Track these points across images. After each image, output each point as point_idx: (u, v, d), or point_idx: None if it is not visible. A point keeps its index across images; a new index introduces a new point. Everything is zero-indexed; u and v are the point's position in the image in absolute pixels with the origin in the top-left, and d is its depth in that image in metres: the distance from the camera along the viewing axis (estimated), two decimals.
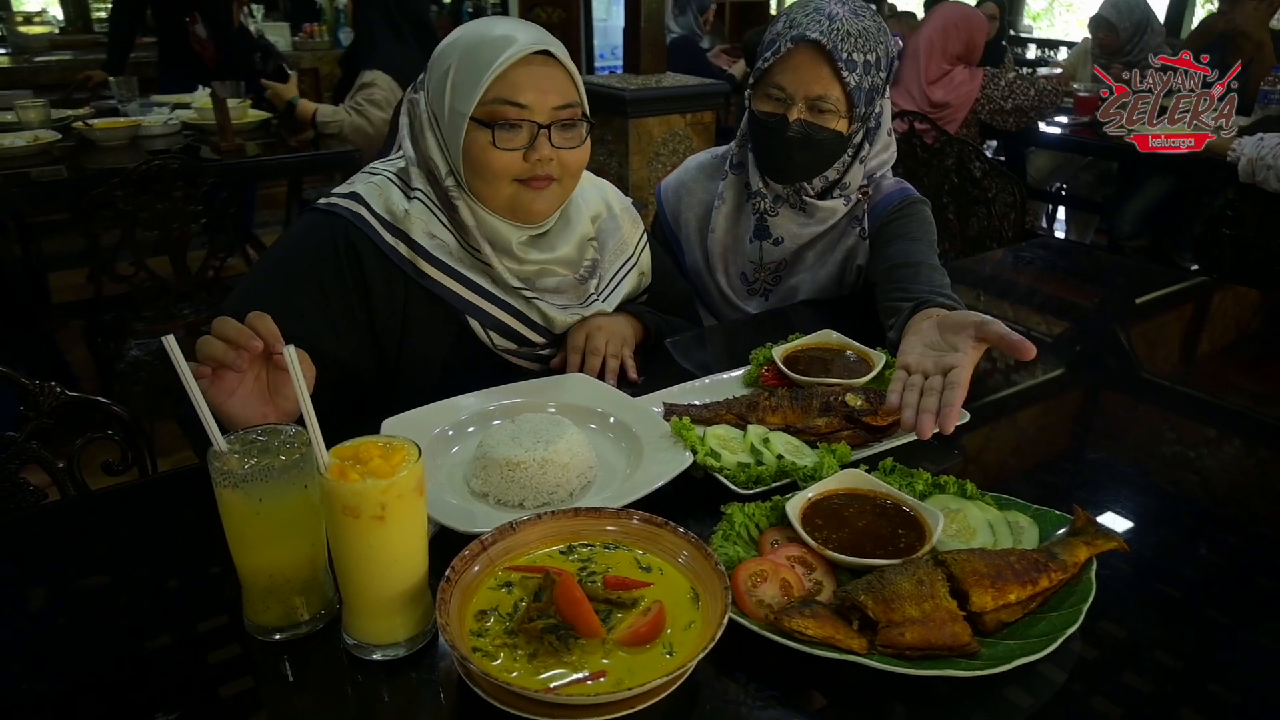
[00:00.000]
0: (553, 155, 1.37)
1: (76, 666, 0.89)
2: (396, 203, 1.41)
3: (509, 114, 1.33)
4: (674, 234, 1.96)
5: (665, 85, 4.28)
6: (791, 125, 1.65)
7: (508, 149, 1.35)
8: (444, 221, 1.42)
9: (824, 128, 1.65)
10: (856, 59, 1.61)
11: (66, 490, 1.36)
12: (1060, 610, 0.90)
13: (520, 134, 1.35)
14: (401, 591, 0.86)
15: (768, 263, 1.84)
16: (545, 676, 0.80)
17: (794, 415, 1.28)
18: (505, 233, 1.42)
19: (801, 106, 1.64)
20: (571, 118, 1.39)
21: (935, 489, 1.10)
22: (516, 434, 1.16)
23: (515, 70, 1.33)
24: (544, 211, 1.43)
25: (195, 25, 4.47)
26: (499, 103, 1.33)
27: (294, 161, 3.71)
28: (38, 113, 3.56)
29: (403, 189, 1.43)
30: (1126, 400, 1.59)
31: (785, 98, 1.65)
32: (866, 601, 0.87)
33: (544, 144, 1.35)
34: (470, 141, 1.35)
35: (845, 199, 1.77)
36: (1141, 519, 1.15)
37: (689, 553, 0.92)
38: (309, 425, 0.84)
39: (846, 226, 1.81)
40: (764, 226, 1.81)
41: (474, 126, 1.34)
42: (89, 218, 2.85)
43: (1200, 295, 2.14)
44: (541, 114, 1.35)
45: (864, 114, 1.67)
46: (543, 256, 1.47)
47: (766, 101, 1.69)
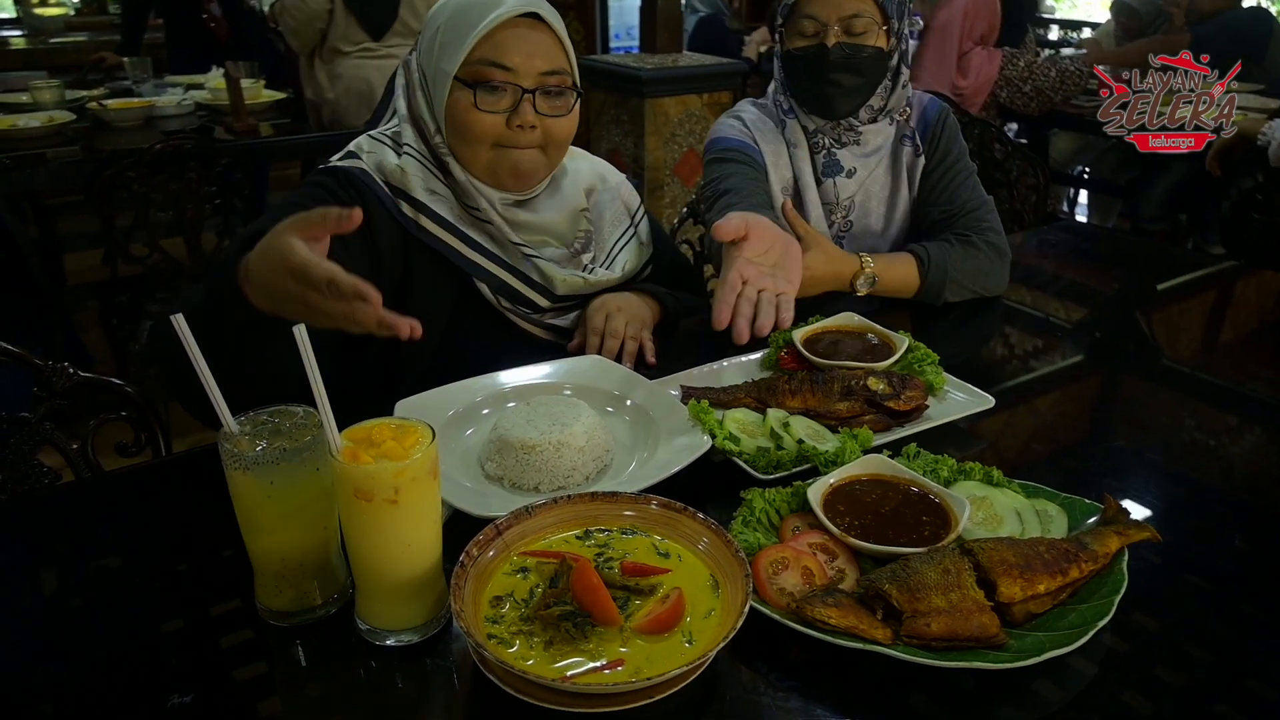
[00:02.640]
0: (536, 122, 1.35)
1: (89, 649, 0.88)
2: (389, 160, 1.39)
3: (493, 75, 1.32)
4: (757, 149, 1.78)
5: (682, 65, 4.24)
6: (831, 51, 1.63)
7: (489, 111, 1.33)
8: (440, 178, 1.41)
9: (864, 46, 1.63)
10: None
11: (80, 471, 1.35)
12: (1091, 602, 0.87)
13: (504, 97, 1.33)
14: (415, 576, 0.85)
15: (843, 200, 1.79)
16: (561, 665, 0.78)
17: (814, 399, 1.25)
18: (489, 193, 1.41)
19: (837, 30, 1.62)
20: (559, 85, 1.36)
21: (960, 475, 1.07)
22: (532, 416, 1.14)
23: (502, 31, 1.31)
24: (526, 179, 1.41)
25: (210, 3, 4.47)
26: (483, 63, 1.31)
27: (308, 142, 3.69)
28: (52, 93, 3.56)
29: (394, 148, 1.42)
30: (1155, 388, 1.55)
31: (819, 25, 1.63)
32: (891, 591, 0.85)
33: (527, 109, 1.33)
34: (453, 102, 1.34)
35: (890, 119, 1.76)
36: (1172, 509, 1.12)
37: (709, 539, 0.90)
38: (320, 407, 0.82)
39: (898, 148, 1.79)
40: (834, 161, 1.77)
41: (457, 86, 1.33)
42: (103, 199, 2.84)
43: (1228, 280, 2.09)
44: (527, 78, 1.33)
45: (898, 28, 1.65)
46: (531, 218, 1.45)
47: (799, 37, 1.67)
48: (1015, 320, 1.75)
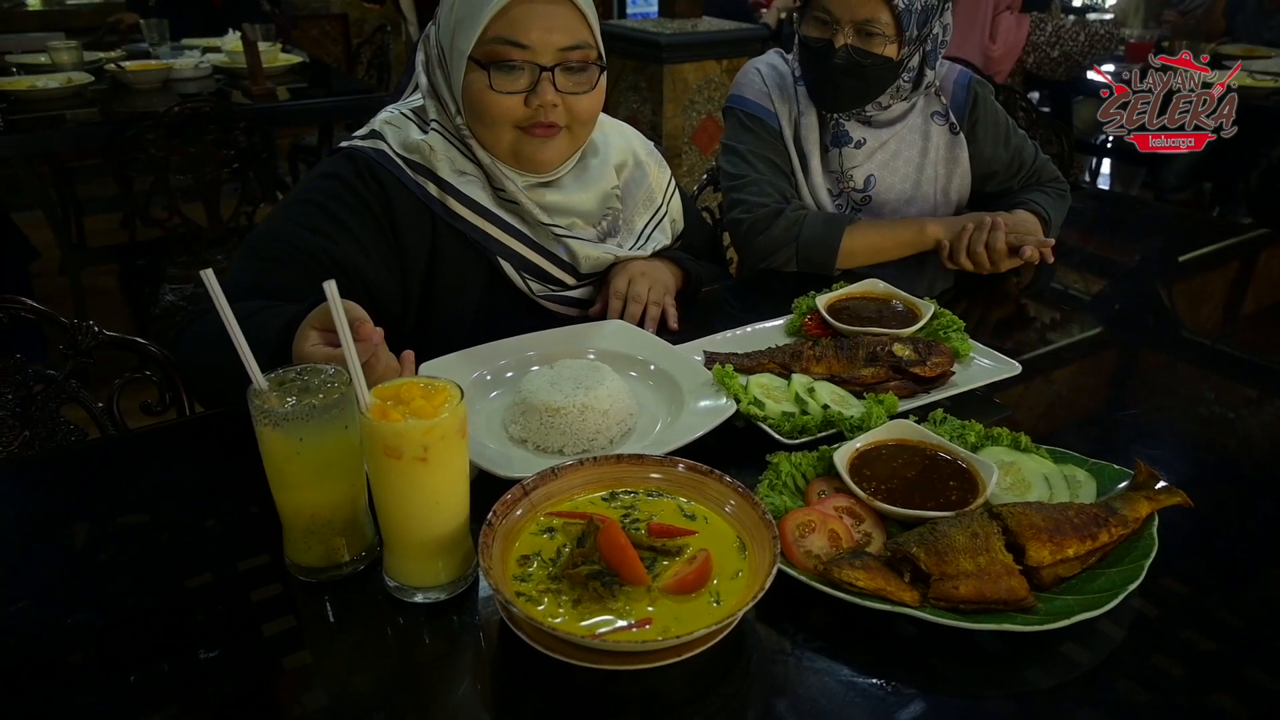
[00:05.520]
0: (557, 101, 1.28)
1: (119, 601, 0.89)
2: (414, 137, 1.34)
3: (509, 54, 1.25)
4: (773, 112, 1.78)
5: (701, 30, 4.18)
6: (837, 52, 1.59)
7: (506, 92, 1.27)
8: (468, 155, 1.37)
9: (871, 53, 1.59)
10: None
11: (105, 429, 1.36)
12: (1121, 566, 0.87)
13: (521, 77, 1.27)
14: (443, 534, 0.85)
15: (850, 170, 1.76)
16: (590, 623, 0.78)
17: (839, 365, 1.24)
18: (514, 176, 1.37)
19: (848, 31, 1.59)
20: (582, 60, 1.29)
21: (988, 441, 1.06)
22: (556, 380, 1.14)
23: (518, 6, 1.23)
24: (551, 161, 1.36)
25: None
26: (498, 42, 1.25)
27: (325, 106, 3.67)
28: (70, 55, 3.55)
29: (419, 124, 1.37)
30: (1181, 357, 1.53)
31: (832, 21, 1.60)
32: (919, 554, 0.84)
33: (547, 88, 1.27)
34: (469, 83, 1.28)
35: (910, 99, 1.74)
36: (1200, 475, 1.12)
37: (735, 501, 0.90)
38: (350, 363, 0.82)
39: (928, 124, 1.77)
40: (842, 132, 1.75)
41: (472, 67, 1.27)
42: (122, 162, 2.84)
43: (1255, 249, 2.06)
44: (546, 55, 1.26)
45: (917, 37, 1.61)
46: (558, 199, 1.41)
47: (814, 26, 1.64)
48: (1040, 288, 1.73)
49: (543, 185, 1.41)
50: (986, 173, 1.82)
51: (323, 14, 6.76)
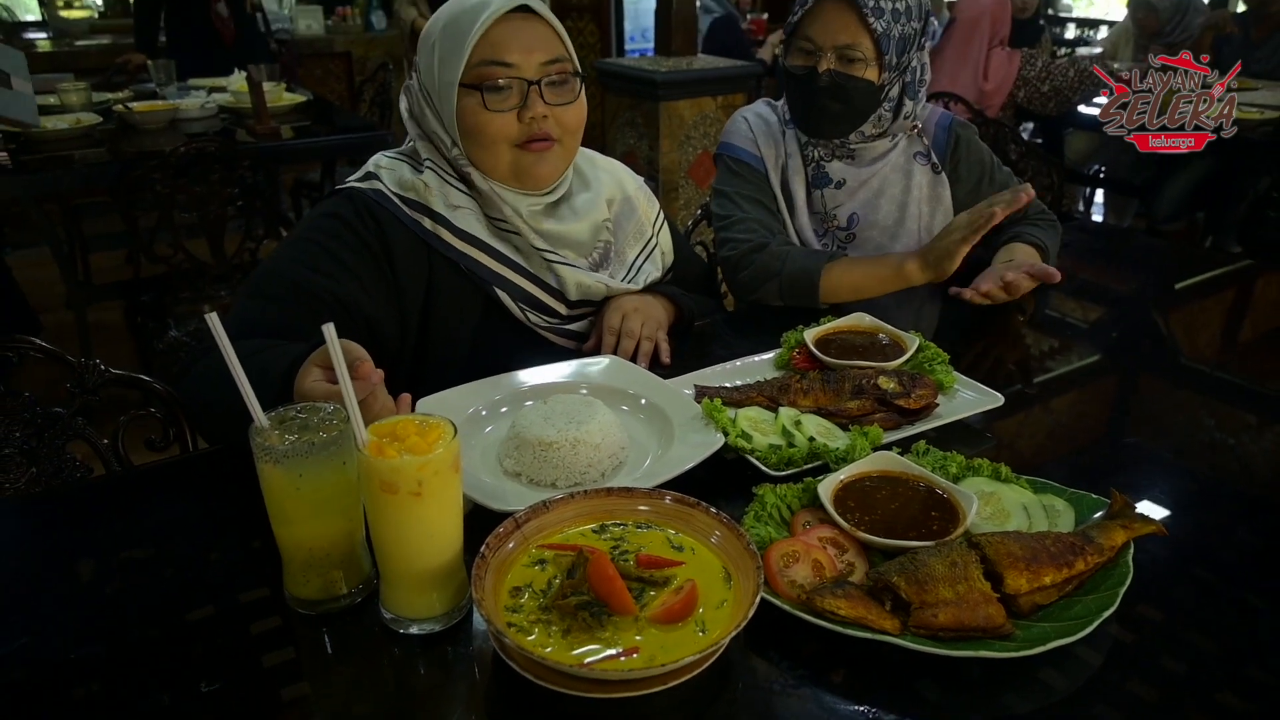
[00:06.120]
0: (547, 113, 1.37)
1: (123, 634, 0.92)
2: (408, 176, 1.41)
3: (496, 74, 1.33)
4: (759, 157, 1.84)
5: (696, 68, 4.26)
6: (820, 76, 1.66)
7: (500, 110, 1.35)
8: (463, 189, 1.43)
9: (854, 77, 1.66)
10: (884, 6, 1.62)
11: (110, 465, 1.39)
12: (1097, 593, 0.89)
13: (510, 94, 1.35)
14: (438, 567, 0.88)
15: (832, 210, 1.81)
16: (579, 652, 0.81)
17: (826, 398, 1.28)
18: (514, 201, 1.43)
19: (831, 57, 1.65)
20: (562, 73, 1.38)
21: (969, 472, 1.09)
22: (549, 414, 1.17)
23: (497, 29, 1.32)
24: (549, 175, 1.43)
25: (217, 4, 4.54)
26: (485, 64, 1.33)
27: (328, 144, 3.74)
28: (79, 96, 3.62)
29: (413, 165, 1.44)
30: (1162, 387, 1.56)
31: (815, 49, 1.67)
32: (899, 582, 0.87)
33: (536, 101, 1.35)
34: (463, 109, 1.35)
35: (890, 136, 1.79)
36: (1179, 503, 1.14)
37: (721, 533, 0.93)
38: (347, 402, 0.85)
39: (910, 163, 1.81)
40: (822, 174, 1.81)
41: (464, 93, 1.34)
42: (129, 200, 2.90)
43: (1244, 279, 2.10)
44: (529, 70, 1.34)
45: (897, 64, 1.67)
46: (556, 228, 1.47)
47: (798, 55, 1.71)
48: (1023, 322, 1.76)
49: (540, 214, 1.46)
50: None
51: (326, 53, 6.88)
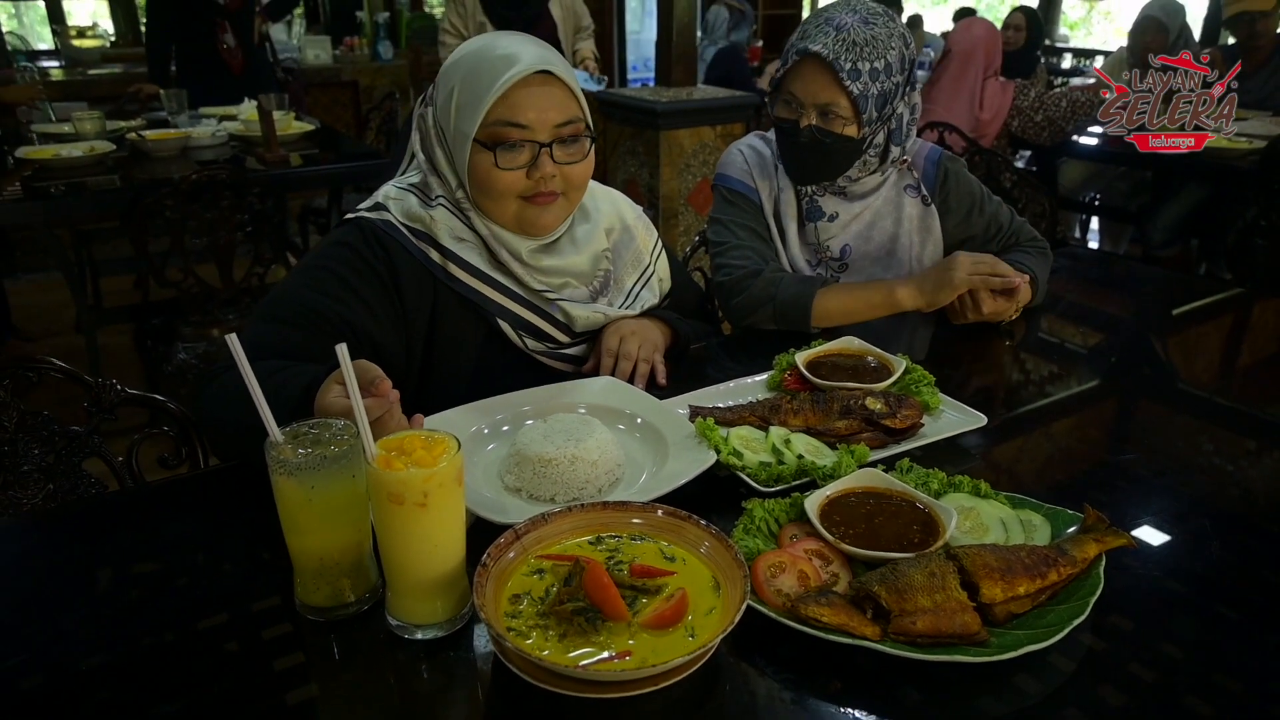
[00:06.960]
0: (555, 172, 1.41)
1: (138, 641, 0.96)
2: (416, 208, 1.46)
3: (511, 135, 1.38)
4: (754, 189, 1.89)
5: (696, 98, 4.35)
6: (803, 131, 1.72)
7: (510, 168, 1.39)
8: (470, 225, 1.48)
9: (833, 133, 1.71)
10: (861, 68, 1.66)
11: (124, 482, 1.44)
12: (1069, 603, 0.94)
13: (522, 153, 1.40)
14: (441, 575, 0.92)
15: (825, 242, 1.87)
16: (574, 655, 0.85)
17: (815, 418, 1.32)
18: (514, 243, 1.48)
19: (812, 113, 1.71)
20: (574, 133, 1.43)
21: (950, 488, 1.13)
22: (549, 433, 1.22)
23: (516, 91, 1.37)
24: (551, 225, 1.49)
25: (225, 34, 4.65)
26: (500, 124, 1.37)
27: (336, 172, 3.82)
28: (94, 124, 3.71)
29: (421, 199, 1.48)
30: (1140, 407, 1.61)
31: (797, 104, 1.73)
32: (880, 591, 0.91)
33: (546, 162, 1.40)
34: (474, 163, 1.41)
35: (881, 172, 1.85)
36: (1152, 519, 1.18)
37: (710, 544, 0.97)
38: (358, 418, 0.90)
39: (901, 195, 1.87)
40: (815, 207, 1.86)
41: (477, 148, 1.39)
42: (140, 226, 2.96)
43: (1234, 307, 2.15)
44: (543, 132, 1.39)
45: (879, 117, 1.72)
46: (556, 263, 1.53)
47: (783, 108, 1.77)
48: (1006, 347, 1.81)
49: (539, 252, 1.51)
50: (962, 238, 1.91)
51: (334, 82, 7.01)
